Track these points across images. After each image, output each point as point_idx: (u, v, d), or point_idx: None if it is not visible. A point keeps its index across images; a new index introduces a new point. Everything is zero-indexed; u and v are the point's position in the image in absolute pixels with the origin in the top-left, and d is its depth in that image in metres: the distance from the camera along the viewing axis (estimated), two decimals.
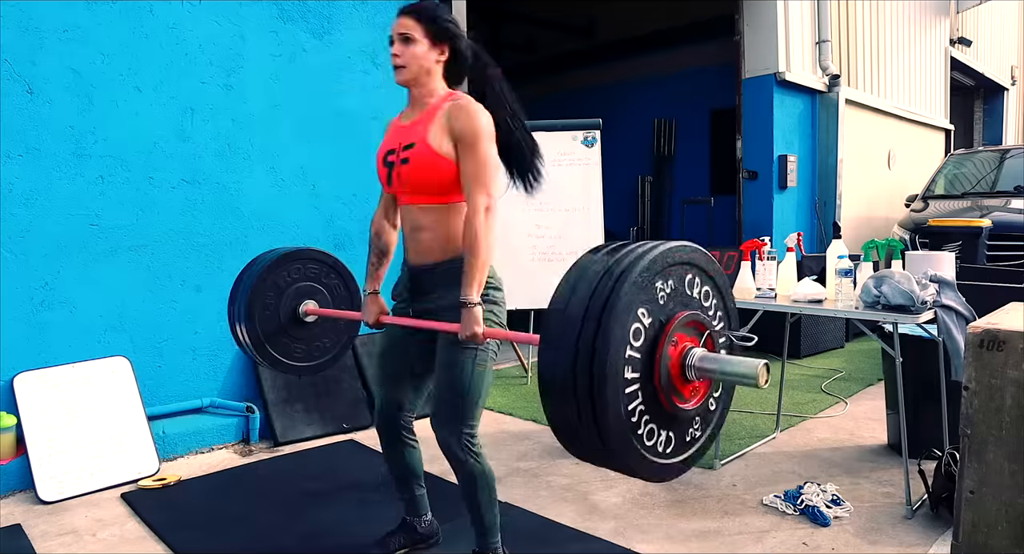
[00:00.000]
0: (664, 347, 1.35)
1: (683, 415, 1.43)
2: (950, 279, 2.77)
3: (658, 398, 1.37)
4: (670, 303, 1.38)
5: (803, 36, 7.02)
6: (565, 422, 1.33)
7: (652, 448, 1.38)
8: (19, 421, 2.87)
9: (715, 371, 1.39)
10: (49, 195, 3.01)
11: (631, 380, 1.30)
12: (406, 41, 1.90)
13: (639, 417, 1.33)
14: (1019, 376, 1.83)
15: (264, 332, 2.29)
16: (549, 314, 1.34)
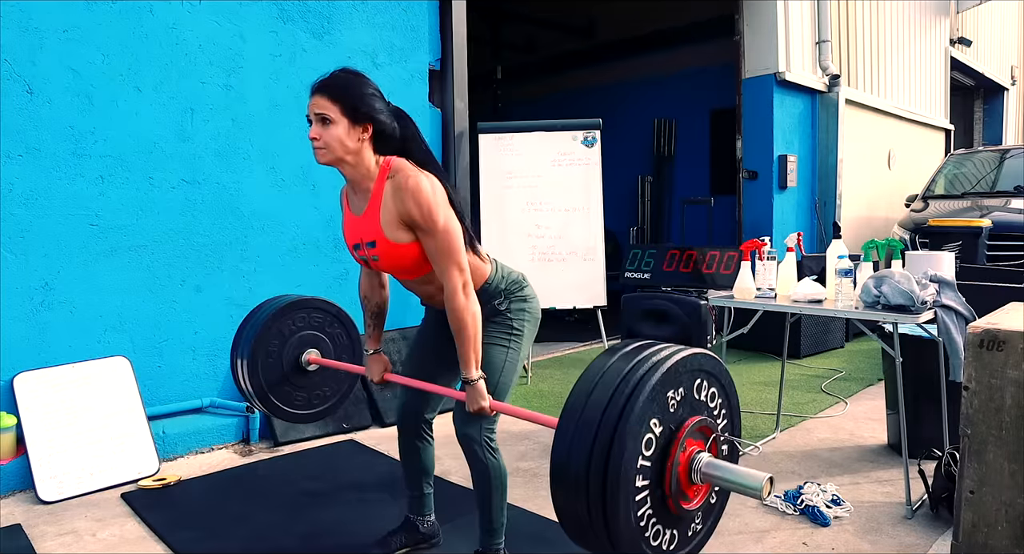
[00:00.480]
0: (676, 454, 1.40)
1: (687, 515, 1.48)
2: (950, 279, 2.77)
3: (666, 503, 1.42)
4: (680, 410, 1.42)
5: (803, 36, 7.02)
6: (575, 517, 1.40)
7: (657, 548, 1.42)
8: (19, 421, 2.87)
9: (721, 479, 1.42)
10: (49, 195, 3.01)
11: (641, 488, 1.35)
12: (324, 122, 1.80)
13: (647, 521, 1.38)
14: (1019, 376, 1.83)
15: (267, 380, 2.31)
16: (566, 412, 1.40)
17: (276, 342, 2.33)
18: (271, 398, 2.33)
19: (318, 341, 2.43)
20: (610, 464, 1.30)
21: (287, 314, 2.35)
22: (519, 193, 4.45)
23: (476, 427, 1.97)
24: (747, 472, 1.41)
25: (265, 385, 2.30)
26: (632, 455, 1.31)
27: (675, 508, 1.43)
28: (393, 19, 4.15)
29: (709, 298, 3.31)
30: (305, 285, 3.80)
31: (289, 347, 2.36)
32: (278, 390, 2.34)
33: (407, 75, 4.22)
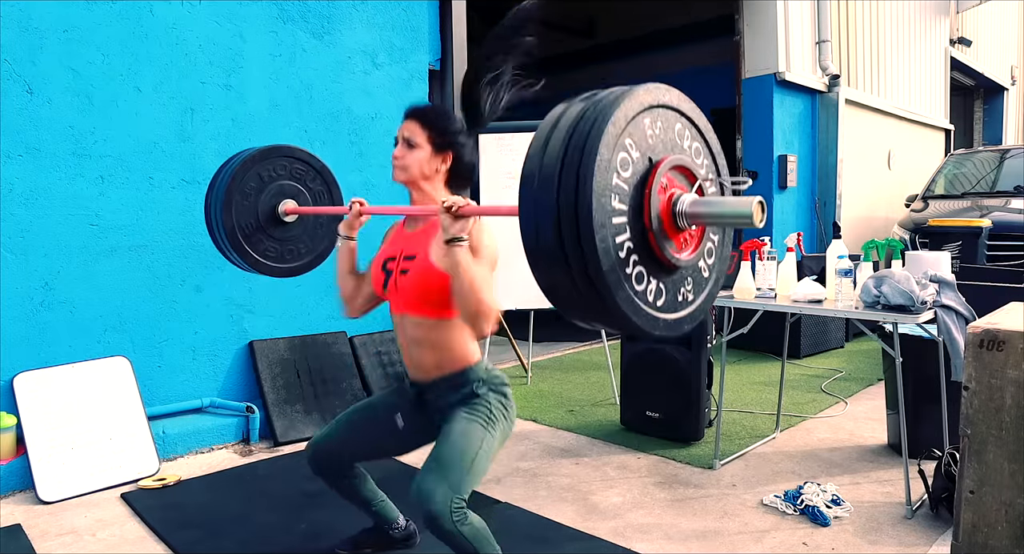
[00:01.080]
0: (653, 184, 1.27)
1: (675, 267, 1.35)
2: (950, 279, 2.77)
3: (647, 239, 1.28)
4: (659, 145, 1.31)
5: (803, 36, 7.02)
6: (551, 262, 1.24)
7: (642, 294, 1.28)
8: (19, 421, 2.87)
9: (707, 214, 1.31)
10: (49, 195, 3.01)
11: (618, 210, 1.22)
12: (409, 146, 1.89)
13: (627, 254, 1.24)
14: (1019, 376, 1.83)
15: (240, 223, 2.22)
16: (528, 157, 1.25)
17: (253, 185, 2.24)
18: (241, 241, 2.23)
19: (297, 193, 2.33)
20: (580, 180, 1.16)
21: (268, 159, 2.27)
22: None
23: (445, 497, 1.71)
24: (733, 199, 1.31)
25: (237, 227, 2.22)
26: (606, 166, 1.17)
27: (658, 250, 1.29)
28: (393, 19, 4.15)
29: None
30: (305, 285, 3.80)
31: (267, 194, 2.27)
32: (251, 236, 2.25)
33: (407, 75, 4.22)
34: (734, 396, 4.18)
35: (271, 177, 2.30)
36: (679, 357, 3.38)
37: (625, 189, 1.24)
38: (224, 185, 2.22)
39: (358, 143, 4.01)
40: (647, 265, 1.30)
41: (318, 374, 3.69)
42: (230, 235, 2.23)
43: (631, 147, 1.24)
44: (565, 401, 4.17)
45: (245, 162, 2.24)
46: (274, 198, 2.30)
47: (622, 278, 1.23)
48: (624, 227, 1.24)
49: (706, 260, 1.45)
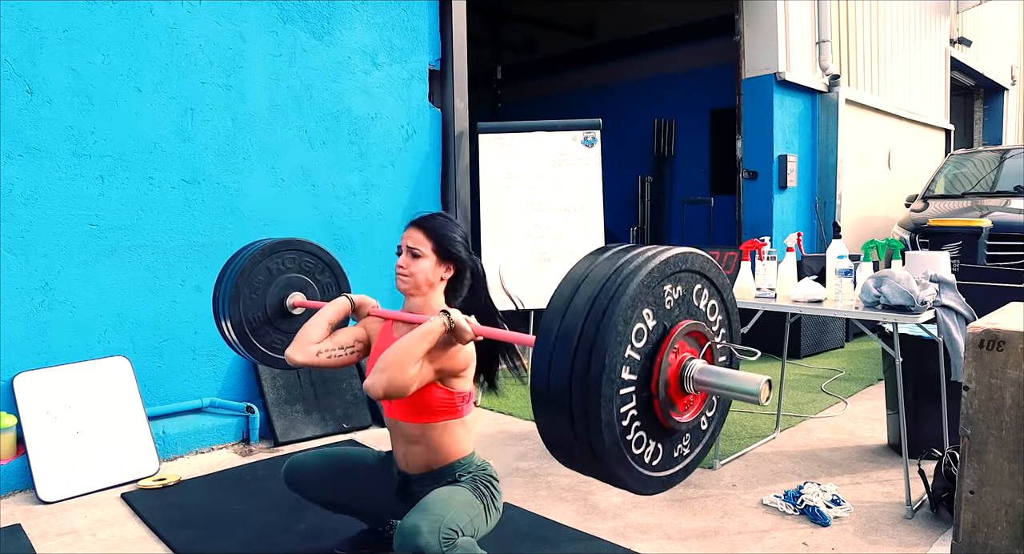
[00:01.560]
0: (665, 353, 1.30)
1: (675, 429, 1.38)
2: (950, 279, 2.77)
3: (652, 406, 1.31)
4: (676, 310, 1.34)
5: (803, 36, 7.02)
6: (552, 423, 1.27)
7: (639, 457, 1.32)
8: (19, 421, 2.87)
9: (714, 385, 1.33)
10: (49, 195, 3.01)
11: (627, 381, 1.25)
12: (414, 256, 1.91)
13: (630, 422, 1.28)
14: (1019, 376, 1.83)
15: (247, 316, 2.24)
16: (548, 310, 1.27)
17: (262, 279, 2.26)
18: (248, 334, 2.24)
19: (305, 286, 2.35)
20: (595, 349, 1.18)
21: (278, 252, 2.29)
22: (519, 193, 4.45)
23: (429, 534, 1.67)
24: (742, 375, 1.32)
25: (244, 320, 2.23)
26: (621, 339, 1.20)
27: (662, 416, 1.32)
28: (393, 19, 4.15)
29: None
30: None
31: (275, 287, 2.28)
32: (257, 330, 2.27)
33: (407, 75, 4.22)
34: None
35: (280, 270, 2.32)
36: None
37: (637, 359, 1.27)
38: (233, 279, 2.23)
39: (358, 143, 4.01)
40: (648, 430, 1.33)
41: (318, 374, 3.69)
42: (237, 329, 2.24)
43: (648, 316, 1.28)
44: None
45: (255, 256, 2.26)
46: (282, 291, 2.32)
47: (622, 447, 1.27)
48: (631, 397, 1.27)
49: (707, 414, 1.48)
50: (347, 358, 2.01)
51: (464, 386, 1.93)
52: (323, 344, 1.96)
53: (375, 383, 1.69)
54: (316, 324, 1.97)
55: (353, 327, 2.06)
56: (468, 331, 1.76)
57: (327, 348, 1.96)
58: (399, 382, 1.69)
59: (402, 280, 1.92)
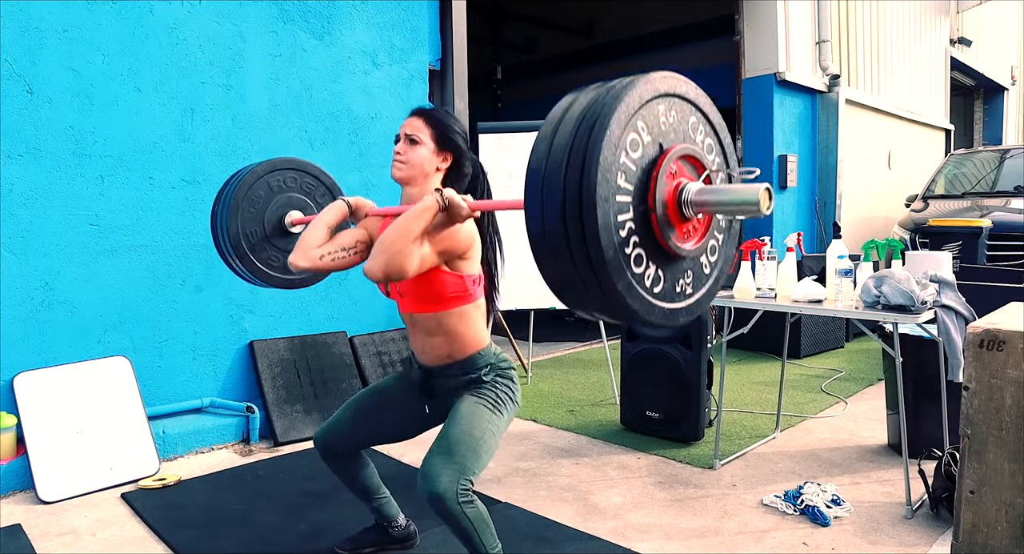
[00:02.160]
0: (662, 168, 1.26)
1: (675, 256, 1.34)
2: (950, 279, 2.77)
3: (650, 221, 1.27)
4: (671, 134, 1.31)
5: (803, 36, 7.02)
6: (554, 255, 1.23)
7: (639, 277, 1.26)
8: (19, 421, 2.87)
9: (713, 203, 1.30)
10: (49, 195, 3.01)
11: (623, 189, 1.21)
12: (412, 142, 1.91)
13: (628, 234, 1.23)
14: (1019, 376, 1.83)
15: (244, 230, 2.24)
16: (537, 141, 1.25)
17: (262, 194, 2.27)
18: (245, 249, 2.24)
19: (305, 206, 2.36)
20: (588, 152, 1.15)
21: (279, 170, 2.30)
22: (519, 193, 4.45)
23: (454, 478, 1.74)
24: (740, 186, 1.30)
25: (242, 234, 2.23)
26: (615, 143, 1.17)
27: (661, 236, 1.28)
28: (393, 19, 4.15)
29: None
30: None
31: (275, 205, 2.29)
32: (255, 245, 2.27)
33: (407, 75, 4.22)
34: (734, 396, 4.18)
35: (280, 188, 2.31)
36: (679, 357, 3.38)
37: (632, 169, 1.23)
38: (232, 191, 2.23)
39: (358, 143, 4.01)
40: (647, 249, 1.28)
41: (318, 374, 3.69)
42: (234, 241, 2.23)
43: (643, 130, 1.24)
44: (565, 401, 4.17)
45: (256, 170, 2.26)
46: (281, 209, 2.31)
47: (621, 259, 1.22)
48: (627, 206, 1.23)
49: (708, 257, 1.44)
50: (351, 259, 1.98)
51: (472, 268, 1.90)
52: (325, 247, 1.93)
53: (373, 265, 1.69)
54: (316, 229, 1.95)
55: (353, 229, 2.04)
56: (464, 207, 1.73)
57: (329, 251, 1.93)
58: (397, 261, 1.68)
59: (398, 167, 1.91)
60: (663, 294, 1.33)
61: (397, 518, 2.29)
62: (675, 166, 1.31)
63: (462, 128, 1.96)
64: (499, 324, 4.56)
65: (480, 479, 2.95)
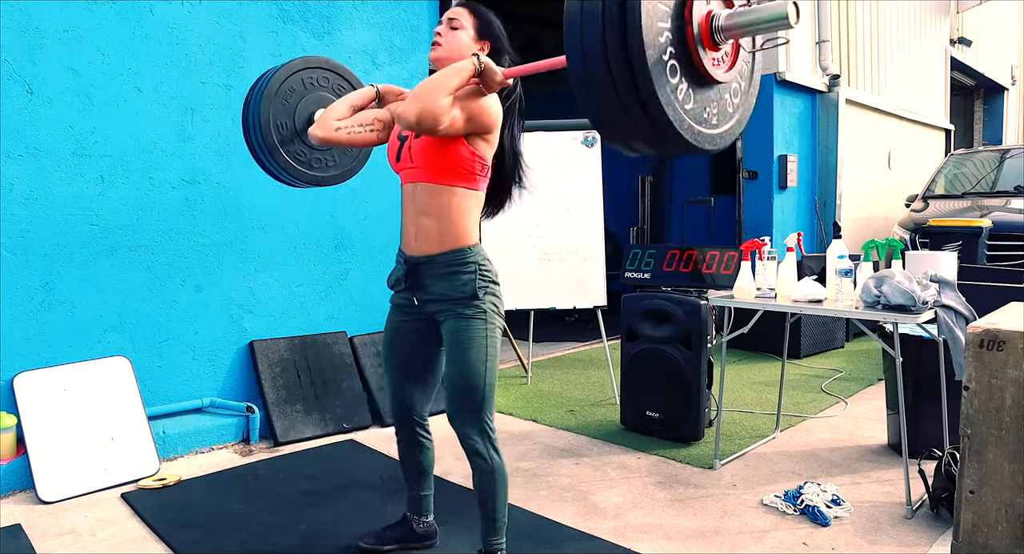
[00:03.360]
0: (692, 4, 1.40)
1: (706, 77, 1.46)
2: (950, 279, 2.77)
3: (685, 36, 1.39)
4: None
5: (803, 36, 7.02)
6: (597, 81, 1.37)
7: (674, 88, 1.39)
8: (19, 421, 2.87)
9: (744, 23, 1.43)
10: (49, 195, 3.01)
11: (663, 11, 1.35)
12: (453, 27, 1.98)
13: (666, 43, 1.36)
14: (1019, 376, 1.83)
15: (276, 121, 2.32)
16: None
17: (295, 88, 2.35)
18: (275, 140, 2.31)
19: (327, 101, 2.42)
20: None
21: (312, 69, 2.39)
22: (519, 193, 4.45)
23: (475, 424, 1.98)
24: (767, 5, 1.43)
25: (273, 124, 2.31)
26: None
27: (695, 51, 1.41)
28: (393, 19, 4.15)
29: (709, 298, 3.31)
30: (305, 285, 3.80)
31: (307, 101, 2.38)
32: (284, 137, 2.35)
33: (407, 75, 4.22)
34: (734, 396, 4.18)
35: (313, 85, 2.38)
36: (679, 357, 3.38)
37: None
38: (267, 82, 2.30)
39: None
40: (681, 64, 1.40)
41: (318, 374, 3.69)
42: (265, 132, 2.30)
43: None
44: (565, 401, 4.17)
45: (291, 65, 2.35)
46: (313, 105, 2.38)
47: (660, 65, 1.33)
48: (667, 16, 1.36)
49: (732, 97, 1.56)
50: (367, 135, 2.08)
51: (487, 152, 1.98)
52: (344, 121, 2.04)
53: (408, 108, 1.75)
54: (338, 105, 2.08)
55: (377, 109, 2.12)
56: (498, 73, 1.82)
57: (346, 125, 2.04)
58: (432, 107, 1.75)
59: (436, 48, 1.97)
60: (691, 115, 1.44)
61: (426, 516, 2.34)
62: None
63: (501, 28, 2.03)
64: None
65: None
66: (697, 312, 3.35)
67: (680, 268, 4.30)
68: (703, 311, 3.36)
